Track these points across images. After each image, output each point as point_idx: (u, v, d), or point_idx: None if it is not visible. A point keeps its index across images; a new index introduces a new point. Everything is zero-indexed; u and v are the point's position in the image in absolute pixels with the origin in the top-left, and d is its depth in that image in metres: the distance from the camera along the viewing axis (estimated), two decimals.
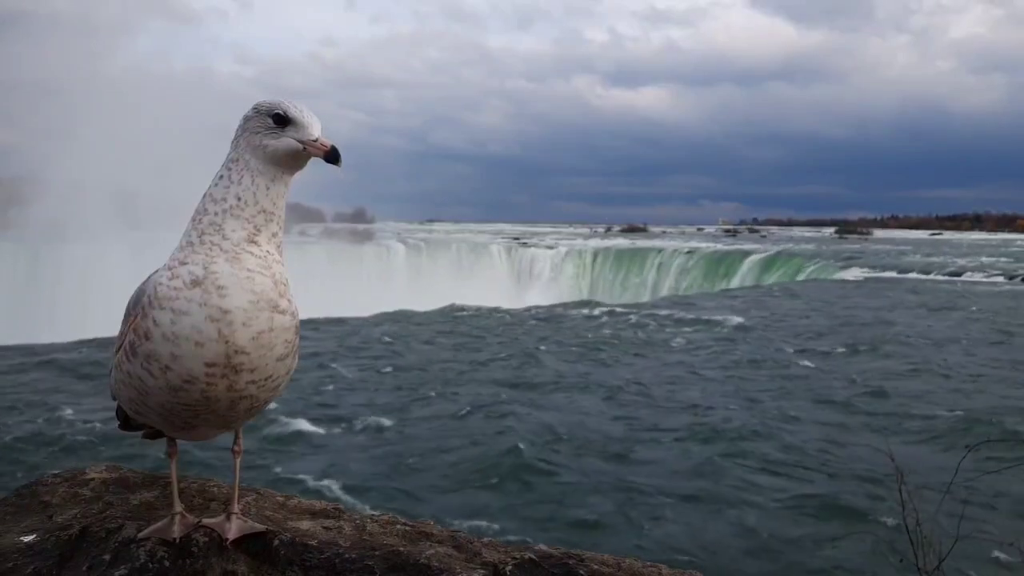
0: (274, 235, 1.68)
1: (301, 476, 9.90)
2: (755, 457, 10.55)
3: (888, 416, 12.54)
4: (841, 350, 18.38)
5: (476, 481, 9.82)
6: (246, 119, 1.70)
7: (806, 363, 17.00)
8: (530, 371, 16.14)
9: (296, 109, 1.68)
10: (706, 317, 23.69)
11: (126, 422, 1.99)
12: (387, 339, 19.93)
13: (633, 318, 24.08)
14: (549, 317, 25.02)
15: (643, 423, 12.26)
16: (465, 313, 25.30)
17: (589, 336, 20.79)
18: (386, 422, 12.36)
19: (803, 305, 27.31)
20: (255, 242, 1.64)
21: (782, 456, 10.58)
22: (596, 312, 25.85)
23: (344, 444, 11.36)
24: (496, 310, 25.80)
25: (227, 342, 1.56)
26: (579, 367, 16.69)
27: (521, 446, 10.77)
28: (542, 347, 18.88)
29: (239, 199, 1.65)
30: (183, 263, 1.61)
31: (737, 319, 23.35)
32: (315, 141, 1.67)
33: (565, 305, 29.00)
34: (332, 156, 1.69)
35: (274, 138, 1.67)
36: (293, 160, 1.69)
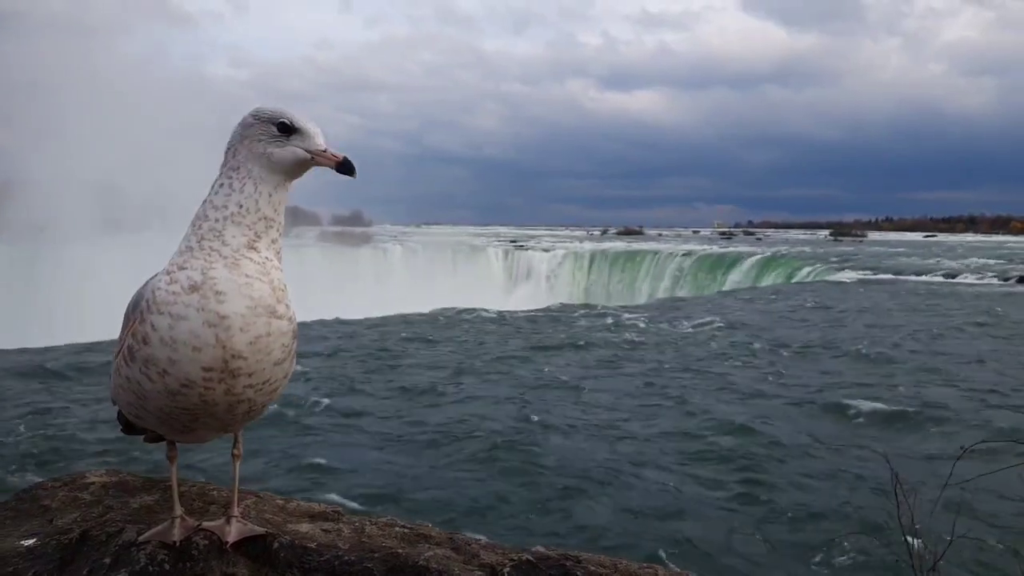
0: (274, 241, 1.70)
1: (295, 478, 9.87)
2: (743, 458, 10.52)
3: (878, 417, 12.53)
4: (831, 352, 18.35)
5: (422, 479, 9.89)
6: (246, 126, 1.71)
7: (801, 364, 17.01)
8: (506, 370, 16.23)
9: (301, 118, 1.69)
10: (701, 318, 23.74)
11: (128, 426, 2.00)
12: (369, 341, 19.89)
13: (626, 320, 24.11)
14: (538, 319, 25.02)
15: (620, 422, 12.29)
16: (450, 316, 25.30)
17: (569, 338, 20.68)
18: (356, 421, 12.35)
19: (796, 306, 27.37)
20: (255, 248, 1.65)
21: (770, 457, 10.56)
22: (586, 315, 25.83)
23: (323, 442, 11.34)
24: (484, 312, 25.77)
25: (224, 347, 1.57)
26: (550, 368, 16.66)
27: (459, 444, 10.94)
28: (516, 348, 18.83)
29: (240, 206, 1.66)
30: (182, 268, 1.62)
31: (729, 319, 23.40)
32: (324, 152, 1.69)
33: (559, 308, 28.97)
34: (346, 167, 1.71)
35: (279, 147, 1.68)
36: (300, 169, 1.71)
